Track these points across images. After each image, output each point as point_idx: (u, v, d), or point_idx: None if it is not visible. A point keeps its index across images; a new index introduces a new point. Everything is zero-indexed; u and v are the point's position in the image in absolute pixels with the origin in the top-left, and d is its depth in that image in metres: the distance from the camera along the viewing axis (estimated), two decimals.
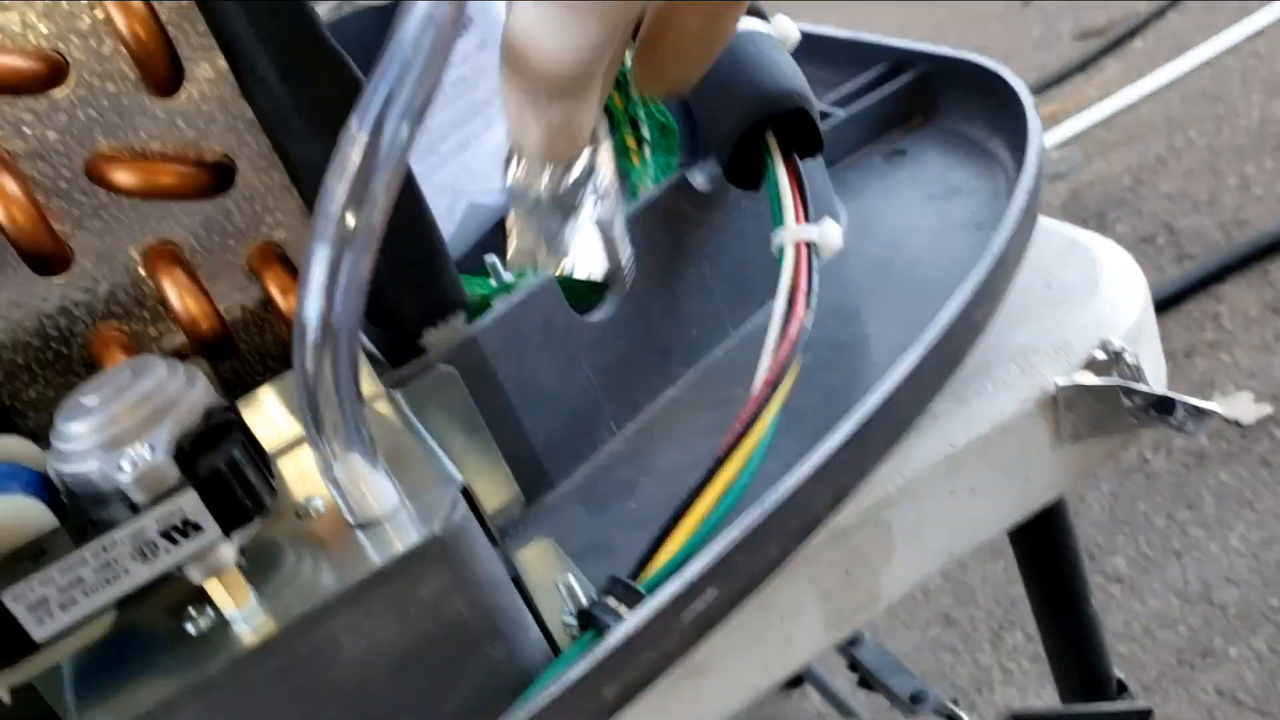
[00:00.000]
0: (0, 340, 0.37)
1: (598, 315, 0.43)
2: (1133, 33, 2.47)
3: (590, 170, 0.37)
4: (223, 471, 0.29)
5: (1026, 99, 0.48)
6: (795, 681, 1.27)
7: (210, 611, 0.31)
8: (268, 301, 0.39)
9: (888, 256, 0.48)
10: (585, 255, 0.42)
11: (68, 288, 0.37)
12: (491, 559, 0.33)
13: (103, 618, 0.30)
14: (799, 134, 0.44)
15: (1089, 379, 0.44)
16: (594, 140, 0.37)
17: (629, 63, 0.54)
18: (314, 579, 0.31)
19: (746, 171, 0.45)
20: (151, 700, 0.29)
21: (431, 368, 0.39)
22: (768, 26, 0.46)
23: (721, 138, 0.44)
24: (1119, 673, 0.68)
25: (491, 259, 0.48)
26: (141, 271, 0.38)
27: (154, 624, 0.32)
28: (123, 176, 0.36)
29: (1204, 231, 1.80)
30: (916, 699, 0.94)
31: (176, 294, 0.37)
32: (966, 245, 0.46)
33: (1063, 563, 0.61)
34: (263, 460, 0.30)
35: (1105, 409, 0.45)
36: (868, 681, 1.00)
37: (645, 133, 0.53)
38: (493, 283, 0.47)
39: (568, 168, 0.37)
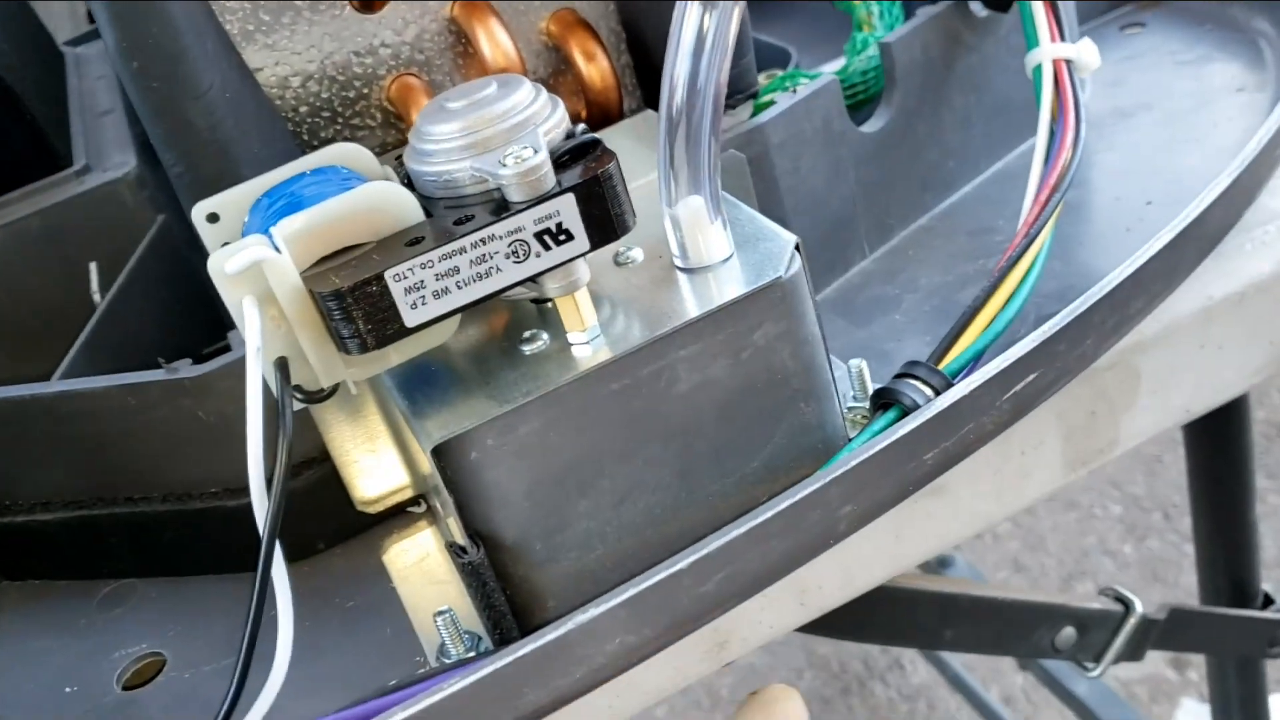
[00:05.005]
0: (310, 71, 0.37)
1: (871, 126, 0.43)
2: None
3: None
4: (599, 181, 0.29)
5: None
6: None
7: (545, 336, 0.31)
8: (561, 72, 0.39)
9: (1143, 111, 0.48)
10: None
11: (380, 27, 0.37)
12: (814, 320, 0.32)
13: (447, 324, 0.30)
14: None
15: None
16: None
17: None
18: (647, 314, 0.31)
19: None
20: (499, 408, 0.29)
21: (721, 151, 0.39)
22: None
23: None
24: (1266, 586, 0.68)
25: None
26: (450, 20, 0.38)
27: (481, 344, 0.32)
28: None
29: None
30: None
31: (489, 42, 0.37)
32: (1235, 105, 0.45)
33: (1236, 460, 0.61)
34: None
35: None
36: None
37: None
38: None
39: None
